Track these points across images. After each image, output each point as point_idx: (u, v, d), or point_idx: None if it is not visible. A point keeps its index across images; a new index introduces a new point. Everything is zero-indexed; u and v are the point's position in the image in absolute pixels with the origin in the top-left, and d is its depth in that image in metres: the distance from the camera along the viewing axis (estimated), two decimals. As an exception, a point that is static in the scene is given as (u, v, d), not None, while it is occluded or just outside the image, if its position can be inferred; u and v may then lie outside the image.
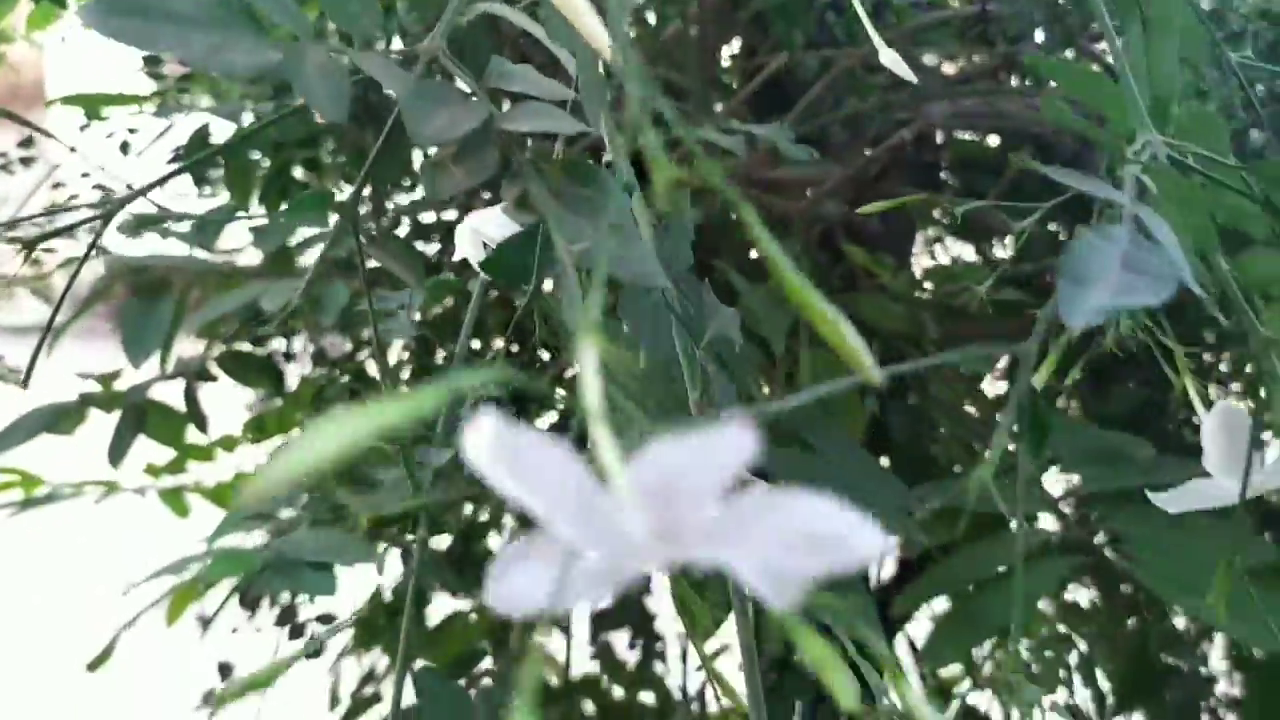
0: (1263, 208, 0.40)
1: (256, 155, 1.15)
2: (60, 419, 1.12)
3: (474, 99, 0.39)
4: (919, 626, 1.36)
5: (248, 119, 1.06)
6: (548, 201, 0.38)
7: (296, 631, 1.22)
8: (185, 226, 0.99)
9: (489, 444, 0.18)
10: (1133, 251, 0.29)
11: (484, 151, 0.38)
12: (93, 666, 0.98)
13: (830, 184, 0.97)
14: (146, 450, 1.37)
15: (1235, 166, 0.40)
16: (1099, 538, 0.71)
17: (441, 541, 1.39)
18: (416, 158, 1.00)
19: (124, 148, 1.24)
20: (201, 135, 1.10)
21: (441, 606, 1.39)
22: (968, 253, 1.22)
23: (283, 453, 0.18)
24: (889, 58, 0.50)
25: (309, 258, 1.05)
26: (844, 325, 0.26)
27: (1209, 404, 0.42)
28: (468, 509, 1.30)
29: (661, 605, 1.44)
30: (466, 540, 1.37)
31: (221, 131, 1.13)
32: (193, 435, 1.40)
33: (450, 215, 1.20)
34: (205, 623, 1.22)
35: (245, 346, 1.23)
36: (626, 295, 0.69)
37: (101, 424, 1.21)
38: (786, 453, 0.76)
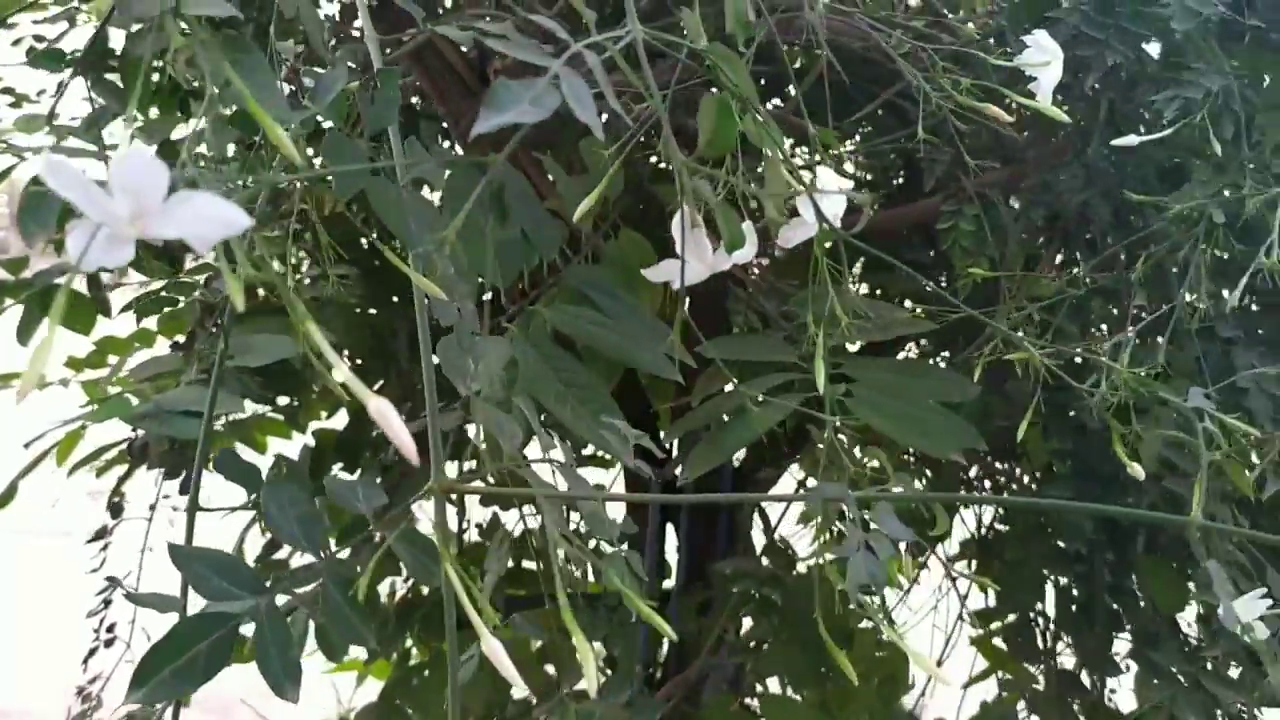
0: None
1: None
2: (-29, 301, 1.23)
3: None
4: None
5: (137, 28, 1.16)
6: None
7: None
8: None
9: (51, 171, 0.33)
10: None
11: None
12: (-1, 505, 1.11)
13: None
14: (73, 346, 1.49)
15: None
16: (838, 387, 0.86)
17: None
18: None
19: (30, 54, 1.34)
20: (100, 41, 1.20)
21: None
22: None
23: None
24: None
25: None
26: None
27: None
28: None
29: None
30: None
31: (119, 39, 1.23)
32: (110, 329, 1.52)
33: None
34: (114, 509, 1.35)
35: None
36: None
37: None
38: (575, 308, 0.90)
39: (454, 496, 1.54)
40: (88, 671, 1.15)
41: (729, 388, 1.04)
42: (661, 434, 1.23)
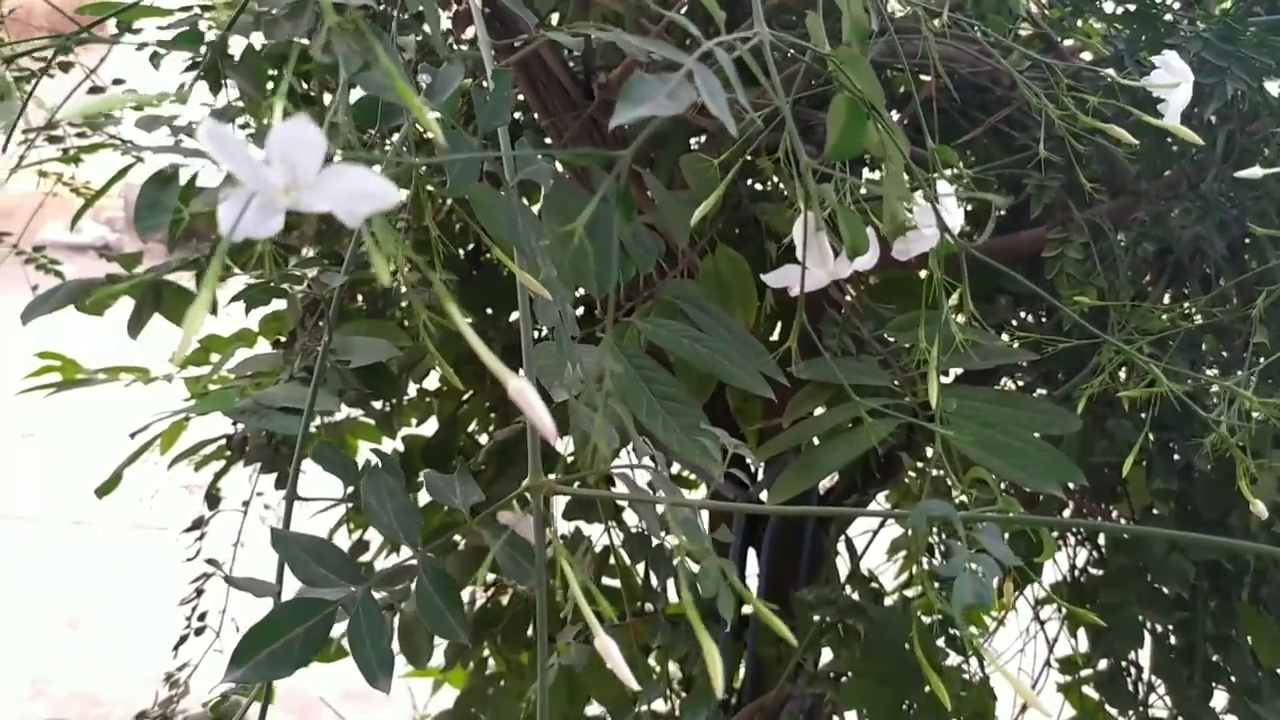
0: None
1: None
2: (84, 294, 1.28)
3: None
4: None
5: (258, 38, 1.20)
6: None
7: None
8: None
9: (209, 137, 0.33)
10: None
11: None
12: (101, 492, 1.15)
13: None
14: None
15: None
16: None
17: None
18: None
19: (153, 59, 1.39)
20: (219, 47, 1.25)
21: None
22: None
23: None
24: None
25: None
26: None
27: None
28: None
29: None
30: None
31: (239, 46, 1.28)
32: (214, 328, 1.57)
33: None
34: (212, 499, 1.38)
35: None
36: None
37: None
38: (669, 322, 0.91)
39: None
40: (177, 659, 1.17)
41: (819, 411, 1.03)
42: (748, 458, 1.22)
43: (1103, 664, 1.41)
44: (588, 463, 0.59)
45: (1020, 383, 1.29)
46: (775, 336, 1.21)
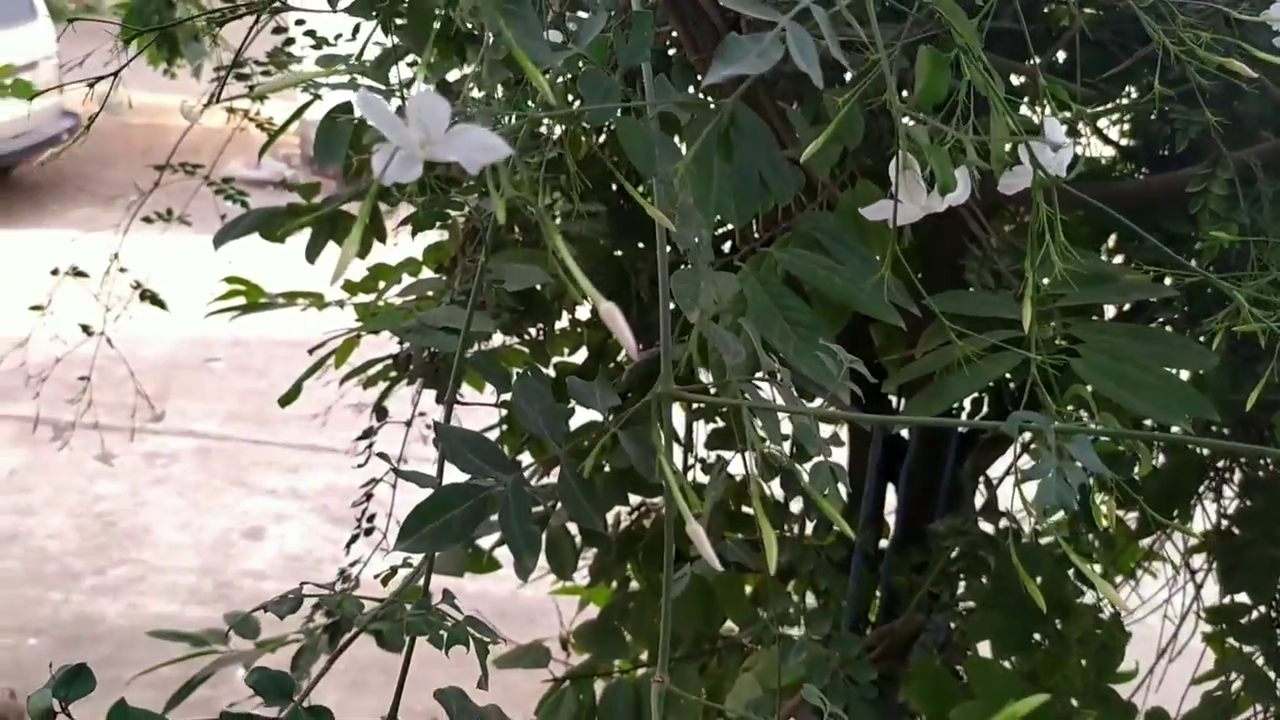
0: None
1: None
2: (270, 221, 1.39)
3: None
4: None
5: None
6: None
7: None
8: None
9: (364, 104, 0.40)
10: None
11: None
12: (284, 402, 1.26)
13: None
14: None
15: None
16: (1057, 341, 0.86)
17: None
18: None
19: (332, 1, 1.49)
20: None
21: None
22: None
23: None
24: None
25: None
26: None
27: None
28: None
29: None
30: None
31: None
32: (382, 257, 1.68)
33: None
34: (379, 411, 1.50)
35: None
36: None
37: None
38: (806, 252, 0.94)
39: (681, 436, 1.61)
40: (349, 555, 1.29)
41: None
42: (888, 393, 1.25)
43: (1243, 597, 1.39)
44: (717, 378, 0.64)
45: (1174, 323, 1.28)
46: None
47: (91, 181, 6.07)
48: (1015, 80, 1.15)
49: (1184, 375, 1.06)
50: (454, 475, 0.60)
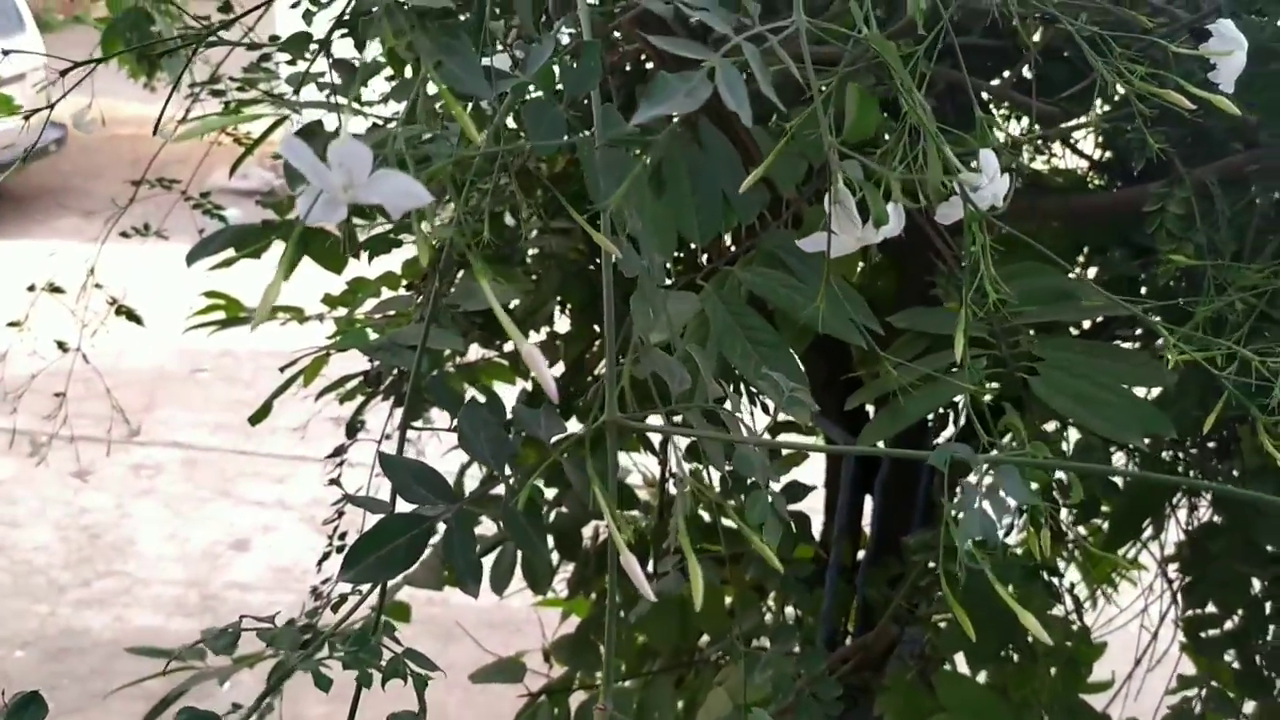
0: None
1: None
2: (244, 238, 1.40)
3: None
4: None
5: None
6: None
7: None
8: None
9: (288, 150, 0.40)
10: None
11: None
12: (254, 420, 1.27)
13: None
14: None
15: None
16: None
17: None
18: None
19: (306, 16, 1.49)
20: (359, 9, 1.33)
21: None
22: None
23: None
24: None
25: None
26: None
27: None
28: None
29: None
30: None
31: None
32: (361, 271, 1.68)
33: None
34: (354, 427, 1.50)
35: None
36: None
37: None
38: (770, 271, 0.95)
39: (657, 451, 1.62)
40: (321, 573, 1.29)
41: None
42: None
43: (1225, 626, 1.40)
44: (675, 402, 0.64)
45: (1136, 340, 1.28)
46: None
47: (77, 193, 6.06)
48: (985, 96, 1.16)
49: (1155, 391, 1.07)
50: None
